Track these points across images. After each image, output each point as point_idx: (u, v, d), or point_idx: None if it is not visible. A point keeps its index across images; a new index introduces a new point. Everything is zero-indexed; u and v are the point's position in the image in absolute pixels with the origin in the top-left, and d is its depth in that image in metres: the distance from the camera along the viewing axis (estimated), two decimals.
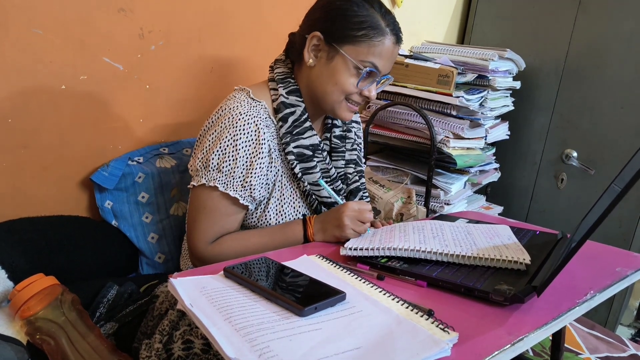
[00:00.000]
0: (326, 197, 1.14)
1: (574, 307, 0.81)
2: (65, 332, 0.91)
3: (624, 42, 1.94)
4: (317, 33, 1.06)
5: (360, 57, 1.05)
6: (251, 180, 1.05)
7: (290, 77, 1.13)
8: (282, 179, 1.13)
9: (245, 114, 1.04)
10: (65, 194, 1.26)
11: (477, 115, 1.79)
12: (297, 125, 1.11)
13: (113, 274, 1.25)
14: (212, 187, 1.05)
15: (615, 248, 1.10)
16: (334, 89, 1.08)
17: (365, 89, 1.10)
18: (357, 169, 1.29)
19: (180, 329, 0.86)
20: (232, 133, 1.03)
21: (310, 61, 1.09)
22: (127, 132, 1.34)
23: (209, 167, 1.04)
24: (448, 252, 0.92)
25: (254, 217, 1.12)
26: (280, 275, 0.84)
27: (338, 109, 1.12)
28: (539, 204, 2.27)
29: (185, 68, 1.42)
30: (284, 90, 1.11)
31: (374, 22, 1.05)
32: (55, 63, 1.16)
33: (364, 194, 1.29)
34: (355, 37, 1.04)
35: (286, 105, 1.10)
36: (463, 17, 2.39)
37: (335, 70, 1.07)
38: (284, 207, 1.13)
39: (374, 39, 1.05)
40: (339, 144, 1.24)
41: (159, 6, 1.31)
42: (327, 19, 1.06)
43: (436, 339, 0.66)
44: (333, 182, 1.19)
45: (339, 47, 1.05)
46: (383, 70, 1.09)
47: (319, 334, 0.67)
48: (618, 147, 2.01)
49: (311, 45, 1.08)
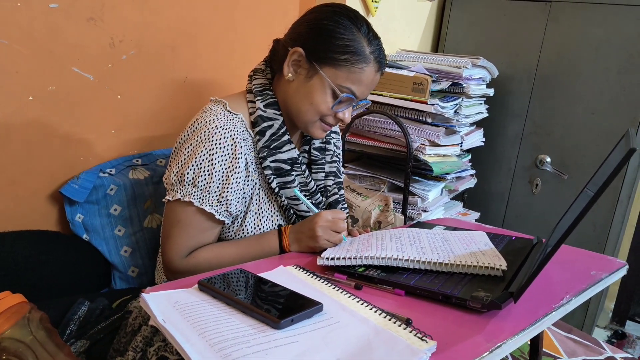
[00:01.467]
0: (305, 211, 1.13)
1: (551, 312, 0.81)
2: (33, 351, 0.88)
3: (593, 50, 1.99)
4: (298, 49, 1.04)
5: (338, 82, 1.04)
6: (227, 195, 1.03)
7: (269, 89, 1.11)
8: (260, 193, 1.11)
9: (222, 127, 1.02)
10: (33, 208, 1.22)
11: (452, 123, 1.81)
12: (274, 139, 1.09)
13: (84, 290, 1.22)
14: (187, 202, 1.02)
15: (590, 252, 1.11)
16: (309, 108, 1.06)
17: (340, 112, 1.08)
18: (337, 180, 1.28)
19: (155, 345, 0.84)
20: (207, 147, 1.01)
21: (290, 75, 1.06)
22: (99, 144, 1.31)
23: (184, 181, 1.02)
24: (425, 260, 0.91)
25: (232, 230, 1.10)
26: (256, 287, 0.83)
27: (311, 127, 1.10)
28: (514, 209, 2.30)
29: (158, 78, 1.39)
30: (261, 103, 1.09)
31: (358, 48, 1.02)
32: (21, 74, 1.13)
33: (343, 206, 1.28)
34: (337, 60, 1.02)
35: (264, 119, 1.08)
36: (436, 25, 2.42)
37: (313, 89, 1.05)
38: (261, 220, 1.11)
39: (356, 65, 1.03)
40: (319, 156, 1.22)
41: (129, 15, 1.29)
42: (312, 36, 1.04)
43: (414, 349, 0.65)
44: (312, 196, 1.17)
45: (319, 67, 1.03)
46: (360, 96, 1.08)
47: (296, 347, 0.66)
48: (590, 152, 2.05)
49: (292, 59, 1.05)
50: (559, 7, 2.04)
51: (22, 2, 1.10)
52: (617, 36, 1.93)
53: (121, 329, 0.94)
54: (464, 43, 2.33)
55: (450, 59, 1.88)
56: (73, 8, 1.18)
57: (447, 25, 2.37)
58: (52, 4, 1.14)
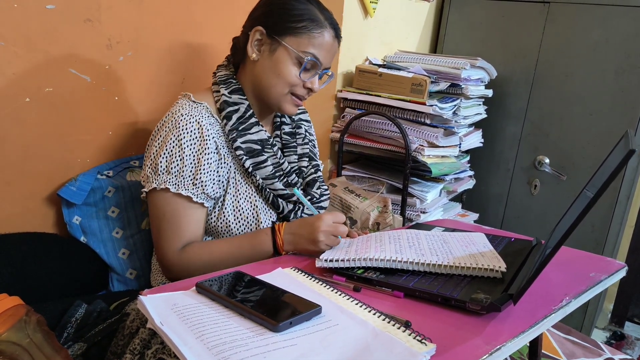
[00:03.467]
0: (281, 190, 1.16)
1: (550, 314, 0.81)
2: (30, 354, 0.87)
3: (591, 51, 1.99)
4: (259, 27, 1.10)
5: (301, 48, 1.09)
6: (201, 176, 1.07)
7: (232, 78, 1.16)
8: (236, 176, 1.14)
9: (187, 114, 1.07)
10: (30, 211, 1.21)
11: (450, 124, 1.80)
12: (242, 121, 1.13)
13: (82, 292, 1.21)
14: (164, 190, 1.06)
15: (589, 253, 1.11)
16: (277, 81, 1.11)
17: (308, 81, 1.13)
18: (312, 163, 1.32)
19: (152, 347, 0.83)
20: (175, 134, 1.06)
21: (254, 55, 1.12)
22: (96, 145, 1.30)
23: (158, 171, 1.06)
24: (424, 262, 0.91)
25: (213, 216, 1.13)
26: (254, 290, 0.82)
27: (283, 102, 1.14)
28: (513, 210, 2.30)
29: (155, 79, 1.39)
30: (226, 90, 1.14)
31: (313, 15, 1.10)
32: (18, 75, 1.12)
33: (322, 185, 1.31)
34: (296, 28, 1.09)
35: (229, 104, 1.13)
36: (435, 26, 2.42)
37: (278, 61, 1.10)
38: (240, 202, 1.13)
39: (314, 31, 1.09)
40: (290, 140, 1.27)
41: (127, 16, 1.28)
42: (268, 13, 1.11)
43: (413, 352, 0.65)
44: (287, 176, 1.20)
45: (280, 39, 1.09)
46: (324, 63, 1.13)
47: (294, 349, 0.65)
48: (588, 153, 2.05)
49: (254, 40, 1.11)
50: (557, 8, 2.04)
51: (18, 3, 1.09)
52: (615, 37, 1.93)
53: (119, 331, 0.94)
54: (462, 44, 2.33)
55: (449, 60, 1.88)
56: (70, 9, 1.17)
57: (445, 26, 2.37)
58: (49, 5, 1.14)
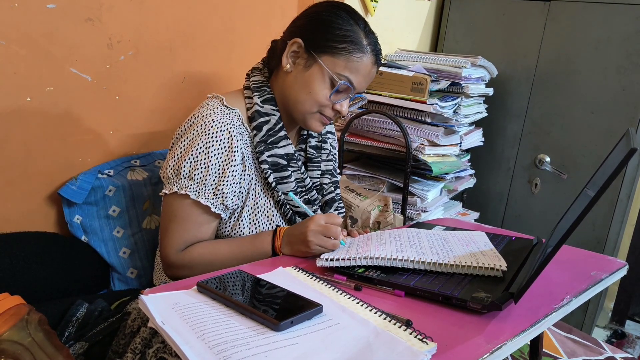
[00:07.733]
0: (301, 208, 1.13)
1: (551, 312, 0.81)
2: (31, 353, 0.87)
3: (592, 49, 1.99)
4: (298, 39, 1.06)
5: (337, 70, 1.05)
6: (223, 188, 1.04)
7: (266, 86, 1.12)
8: (256, 188, 1.11)
9: (219, 121, 1.03)
10: (31, 210, 1.21)
11: (451, 122, 1.80)
12: (271, 134, 1.10)
13: (83, 292, 1.21)
14: (184, 195, 1.03)
15: (590, 252, 1.11)
16: (307, 98, 1.07)
17: (337, 103, 1.09)
18: (333, 179, 1.28)
19: (154, 346, 0.83)
20: (204, 140, 1.02)
21: (288, 66, 1.08)
22: (97, 145, 1.31)
23: (180, 174, 1.03)
24: (425, 260, 0.91)
25: (227, 226, 1.10)
26: (256, 289, 0.82)
27: (309, 120, 1.11)
28: (514, 209, 2.29)
29: (156, 78, 1.39)
30: (259, 98, 1.10)
31: (356, 38, 1.05)
32: (19, 74, 1.12)
33: (339, 204, 1.28)
34: (336, 49, 1.04)
35: (261, 114, 1.09)
36: (435, 25, 2.42)
37: (311, 78, 1.06)
38: (257, 216, 1.11)
39: (354, 54, 1.04)
40: (315, 154, 1.23)
41: (128, 16, 1.28)
42: (311, 27, 1.07)
43: (415, 350, 0.65)
44: (308, 192, 1.17)
45: (317, 56, 1.05)
46: (358, 88, 1.09)
47: (296, 348, 0.66)
48: (589, 152, 2.05)
49: (291, 50, 1.07)
50: (558, 6, 2.03)
51: (19, 3, 1.09)
52: (616, 35, 1.93)
53: (120, 330, 0.94)
54: (463, 42, 2.32)
55: (449, 59, 1.87)
56: (71, 8, 1.17)
57: (446, 24, 2.36)
58: (50, 5, 1.14)
